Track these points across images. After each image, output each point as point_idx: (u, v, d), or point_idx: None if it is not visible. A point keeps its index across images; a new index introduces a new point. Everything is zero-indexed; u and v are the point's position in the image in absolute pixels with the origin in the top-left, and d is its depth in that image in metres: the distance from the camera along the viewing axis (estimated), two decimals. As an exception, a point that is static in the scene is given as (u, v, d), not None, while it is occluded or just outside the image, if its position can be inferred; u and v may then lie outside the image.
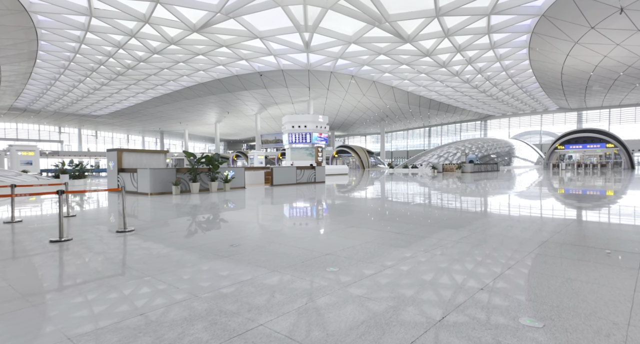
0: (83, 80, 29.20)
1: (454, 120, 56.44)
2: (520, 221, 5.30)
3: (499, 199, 8.63)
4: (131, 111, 43.56)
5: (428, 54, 23.93)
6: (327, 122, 27.72)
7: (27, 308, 2.14)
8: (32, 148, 26.12)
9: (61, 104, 38.42)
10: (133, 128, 58.75)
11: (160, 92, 35.13)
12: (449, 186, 13.45)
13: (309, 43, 22.40)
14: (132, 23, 18.84)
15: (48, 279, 2.77)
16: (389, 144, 68.51)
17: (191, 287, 2.49)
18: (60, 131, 56.36)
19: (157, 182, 9.88)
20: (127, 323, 1.91)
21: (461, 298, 2.23)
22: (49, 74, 26.79)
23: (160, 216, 6.27)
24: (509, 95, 38.04)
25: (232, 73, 29.26)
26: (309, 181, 14.86)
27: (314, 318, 1.95)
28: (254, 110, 43.45)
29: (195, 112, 44.76)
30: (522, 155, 42.73)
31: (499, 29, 19.78)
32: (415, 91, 36.09)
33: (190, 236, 4.43)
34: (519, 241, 3.88)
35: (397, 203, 8.05)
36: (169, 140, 72.22)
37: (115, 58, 24.04)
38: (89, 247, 3.76)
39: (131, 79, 29.71)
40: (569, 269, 2.83)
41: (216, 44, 22.09)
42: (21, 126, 52.14)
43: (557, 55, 23.39)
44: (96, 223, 5.48)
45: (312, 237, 4.20)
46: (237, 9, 17.22)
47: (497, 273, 2.72)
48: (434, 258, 3.18)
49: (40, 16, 17.35)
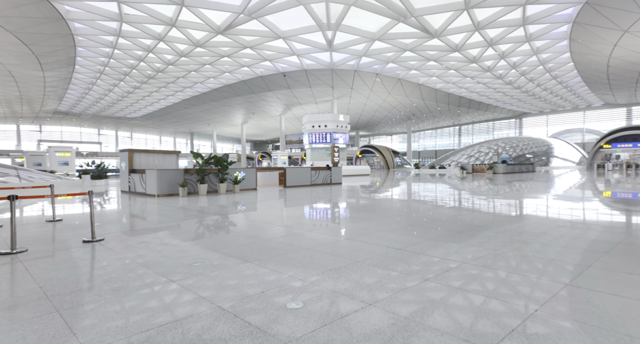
0: (117, 84, 30.68)
1: (486, 118, 53.84)
2: (561, 226, 4.66)
3: (535, 203, 7.83)
4: (162, 113, 45.34)
5: (457, 49, 22.81)
6: (348, 121, 27.20)
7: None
8: (68, 149, 27.79)
9: (99, 107, 40.70)
10: (165, 130, 61.24)
11: (189, 94, 36.23)
12: (479, 188, 12.60)
13: (332, 41, 22.06)
14: (160, 27, 19.41)
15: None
16: (416, 144, 66.64)
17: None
18: (99, 133, 59.88)
19: (164, 184, 9.60)
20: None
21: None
22: (86, 78, 28.37)
23: (148, 221, 5.83)
24: (547, 91, 35.58)
25: (256, 74, 29.54)
26: (324, 183, 14.38)
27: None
28: (278, 111, 43.76)
29: (222, 114, 45.81)
30: (561, 155, 39.88)
31: (535, 19, 18.40)
32: (443, 88, 34.69)
33: (158, 251, 3.68)
34: (573, 250, 3.32)
35: (419, 207, 7.51)
36: (198, 141, 74.64)
37: (145, 62, 24.99)
38: (31, 263, 3.21)
39: (161, 82, 30.83)
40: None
41: (240, 45, 22.32)
42: (65, 128, 55.92)
43: (602, 46, 21.44)
44: (74, 228, 5.05)
45: (326, 250, 3.86)
46: (260, 9, 17.22)
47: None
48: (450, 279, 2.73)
49: (76, 23, 18.28)
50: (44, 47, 19.92)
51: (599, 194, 10.07)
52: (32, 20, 16.40)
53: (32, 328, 1.94)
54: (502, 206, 7.25)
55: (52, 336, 1.84)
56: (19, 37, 17.91)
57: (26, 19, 16.13)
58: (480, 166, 27.95)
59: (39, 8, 15.26)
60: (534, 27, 19.85)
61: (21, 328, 1.93)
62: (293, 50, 23.58)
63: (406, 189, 12.10)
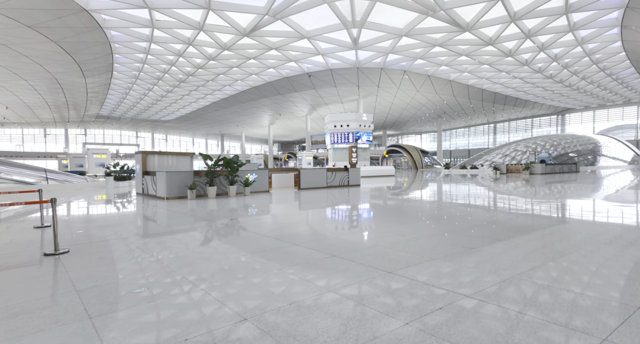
0: (152, 88, 32.17)
1: (524, 115, 50.73)
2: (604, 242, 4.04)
3: (576, 207, 7.03)
4: (194, 116, 47.06)
5: (491, 43, 21.54)
6: (372, 120, 26.48)
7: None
8: (104, 151, 29.52)
9: (136, 111, 42.99)
10: (197, 132, 63.61)
11: (218, 97, 37.26)
12: (515, 190, 11.69)
13: (357, 39, 21.64)
14: (189, 31, 20.01)
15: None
16: (448, 143, 64.18)
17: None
18: (137, 135, 63.35)
19: (174, 186, 9.36)
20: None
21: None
22: (123, 83, 30.00)
23: (134, 228, 5.34)
24: (594, 84, 32.78)
25: (282, 75, 29.74)
26: (341, 184, 13.62)
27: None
28: (304, 111, 43.88)
29: (250, 116, 46.72)
30: (611, 153, 36.59)
31: (580, 7, 16.90)
32: (476, 83, 33.03)
33: (119, 269, 3.10)
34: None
35: (439, 214, 7.00)
36: (228, 142, 76.82)
37: (177, 66, 25.95)
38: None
39: (192, 86, 31.92)
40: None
41: (266, 47, 22.51)
42: (107, 131, 59.74)
43: (659, 33, 19.32)
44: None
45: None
46: (284, 9, 17.21)
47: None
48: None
49: (113, 31, 19.29)
50: (85, 55, 21.24)
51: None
52: (74, 30, 17.51)
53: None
54: (535, 215, 6.55)
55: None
56: (63, 47, 19.21)
57: (68, 29, 17.24)
58: (515, 166, 26.23)
59: (79, 18, 16.25)
60: (579, 15, 18.25)
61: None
62: (318, 49, 23.42)
63: (429, 194, 11.25)
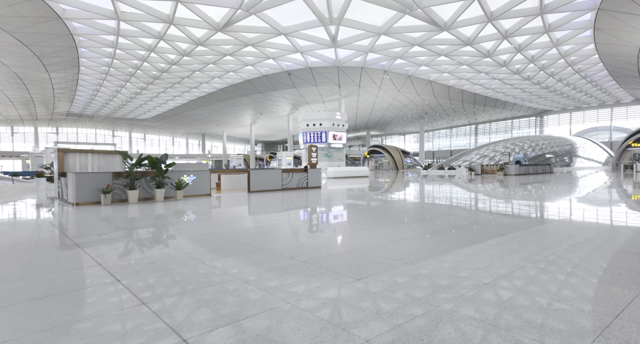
0: (124, 85, 30.77)
1: (504, 116, 51.57)
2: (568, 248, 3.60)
3: (539, 209, 6.68)
4: (172, 114, 45.57)
5: (469, 43, 21.45)
6: (346, 119, 25.94)
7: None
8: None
9: (110, 108, 41.23)
10: (177, 131, 61.83)
11: (196, 95, 36.09)
12: (478, 192, 11.41)
13: (336, 37, 21.14)
14: (159, 25, 19.03)
15: None
16: (430, 144, 64.73)
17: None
18: (114, 134, 61.03)
19: (84, 190, 8.07)
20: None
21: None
22: (93, 80, 28.53)
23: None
24: (570, 86, 33.43)
25: (261, 73, 28.97)
26: (299, 187, 12.41)
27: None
28: (286, 111, 43.14)
29: (231, 114, 45.61)
30: (586, 154, 37.48)
31: (554, 8, 16.92)
32: (456, 84, 33.14)
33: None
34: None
35: (393, 219, 6.52)
36: (210, 142, 75.14)
37: (149, 62, 24.79)
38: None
39: (167, 83, 30.71)
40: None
41: (242, 43, 21.73)
42: (81, 130, 57.28)
43: (631, 35, 19.60)
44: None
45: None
46: (257, 3, 16.53)
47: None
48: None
49: (75, 23, 18.09)
50: (45, 48, 19.90)
51: (621, 201, 8.75)
52: (29, 20, 16.27)
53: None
54: (505, 215, 6.16)
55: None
56: (18, 38, 17.89)
57: (22, 18, 16.00)
58: (490, 167, 26.31)
59: (33, 7, 15.07)
60: (553, 16, 18.33)
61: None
62: (296, 47, 22.80)
63: (395, 196, 10.59)
